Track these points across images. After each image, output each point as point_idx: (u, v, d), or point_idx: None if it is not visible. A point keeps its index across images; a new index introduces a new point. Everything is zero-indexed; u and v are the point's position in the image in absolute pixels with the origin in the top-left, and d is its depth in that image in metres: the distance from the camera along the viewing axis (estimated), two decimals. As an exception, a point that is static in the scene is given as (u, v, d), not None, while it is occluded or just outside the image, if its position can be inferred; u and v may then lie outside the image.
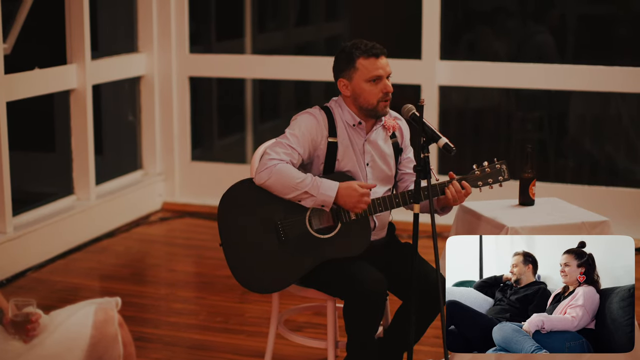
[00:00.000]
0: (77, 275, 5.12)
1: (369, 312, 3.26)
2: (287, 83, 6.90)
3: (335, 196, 3.28)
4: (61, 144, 5.82)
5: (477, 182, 3.38)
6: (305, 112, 3.44)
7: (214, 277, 5.06)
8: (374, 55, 3.36)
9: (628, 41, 6.20)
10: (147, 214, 6.23)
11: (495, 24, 6.41)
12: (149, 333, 4.29)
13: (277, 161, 3.31)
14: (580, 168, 6.39)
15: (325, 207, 3.31)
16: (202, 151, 6.84)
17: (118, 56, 6.12)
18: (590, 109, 6.32)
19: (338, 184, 3.29)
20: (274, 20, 7.26)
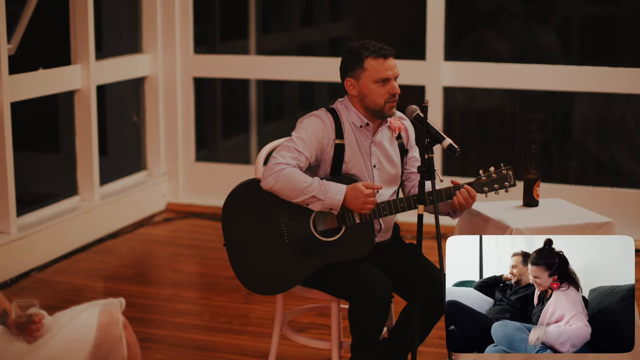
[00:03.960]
0: (81, 275, 5.13)
1: (374, 315, 3.26)
2: (291, 84, 6.90)
3: (343, 199, 3.28)
4: (65, 144, 5.82)
5: (483, 188, 3.37)
6: (311, 114, 3.43)
7: (218, 277, 5.06)
8: (382, 56, 3.34)
9: (633, 42, 6.19)
10: (151, 214, 6.23)
11: (499, 25, 6.41)
12: (153, 334, 4.29)
13: (284, 165, 3.29)
14: (585, 169, 6.39)
15: (333, 210, 3.31)
16: (206, 152, 6.85)
17: (122, 57, 6.12)
18: (595, 110, 6.31)
19: (345, 187, 3.28)
20: (278, 21, 7.25)
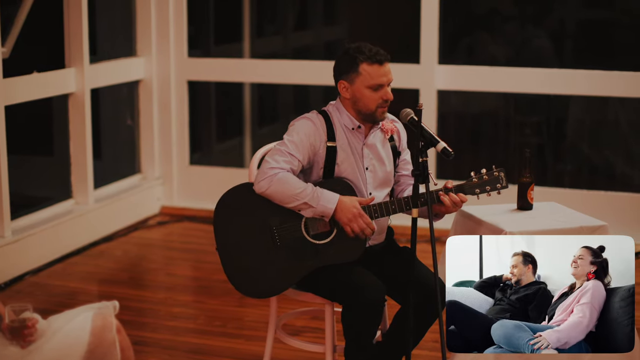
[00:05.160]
0: (76, 279, 5.12)
1: (367, 319, 3.25)
2: (286, 87, 6.90)
3: (335, 208, 3.28)
4: (59, 148, 5.81)
5: (474, 190, 3.37)
6: (303, 117, 3.42)
7: (213, 281, 5.05)
8: (378, 62, 3.32)
9: (627, 46, 6.20)
10: (145, 218, 6.23)
11: (494, 28, 6.42)
12: (147, 337, 4.28)
13: (277, 170, 3.28)
14: (579, 173, 6.39)
15: (325, 217, 3.30)
16: (201, 155, 6.84)
17: (116, 60, 6.12)
18: (589, 113, 6.32)
19: (338, 197, 3.28)
20: (273, 24, 7.26)
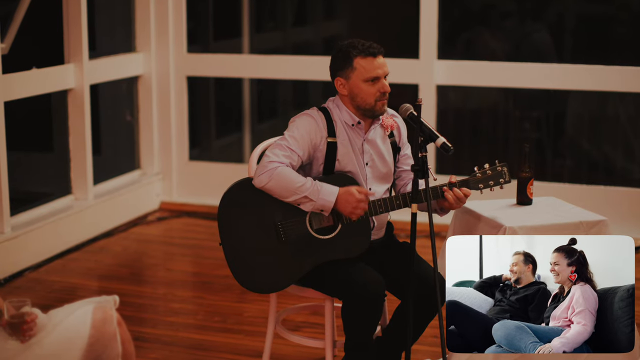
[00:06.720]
0: (75, 275, 5.12)
1: (367, 314, 3.26)
2: (285, 83, 6.90)
3: (335, 201, 3.29)
4: (59, 143, 5.81)
5: (478, 185, 3.38)
6: (303, 113, 3.43)
7: (212, 276, 5.05)
8: (371, 54, 3.34)
9: (626, 41, 6.20)
10: (144, 213, 6.23)
11: (492, 23, 6.42)
12: (146, 333, 4.28)
13: (277, 164, 3.29)
14: (578, 167, 6.40)
15: (324, 211, 3.31)
16: (200, 151, 6.84)
17: (116, 56, 6.11)
18: (588, 108, 6.32)
19: (338, 189, 3.29)
20: (272, 19, 7.25)
